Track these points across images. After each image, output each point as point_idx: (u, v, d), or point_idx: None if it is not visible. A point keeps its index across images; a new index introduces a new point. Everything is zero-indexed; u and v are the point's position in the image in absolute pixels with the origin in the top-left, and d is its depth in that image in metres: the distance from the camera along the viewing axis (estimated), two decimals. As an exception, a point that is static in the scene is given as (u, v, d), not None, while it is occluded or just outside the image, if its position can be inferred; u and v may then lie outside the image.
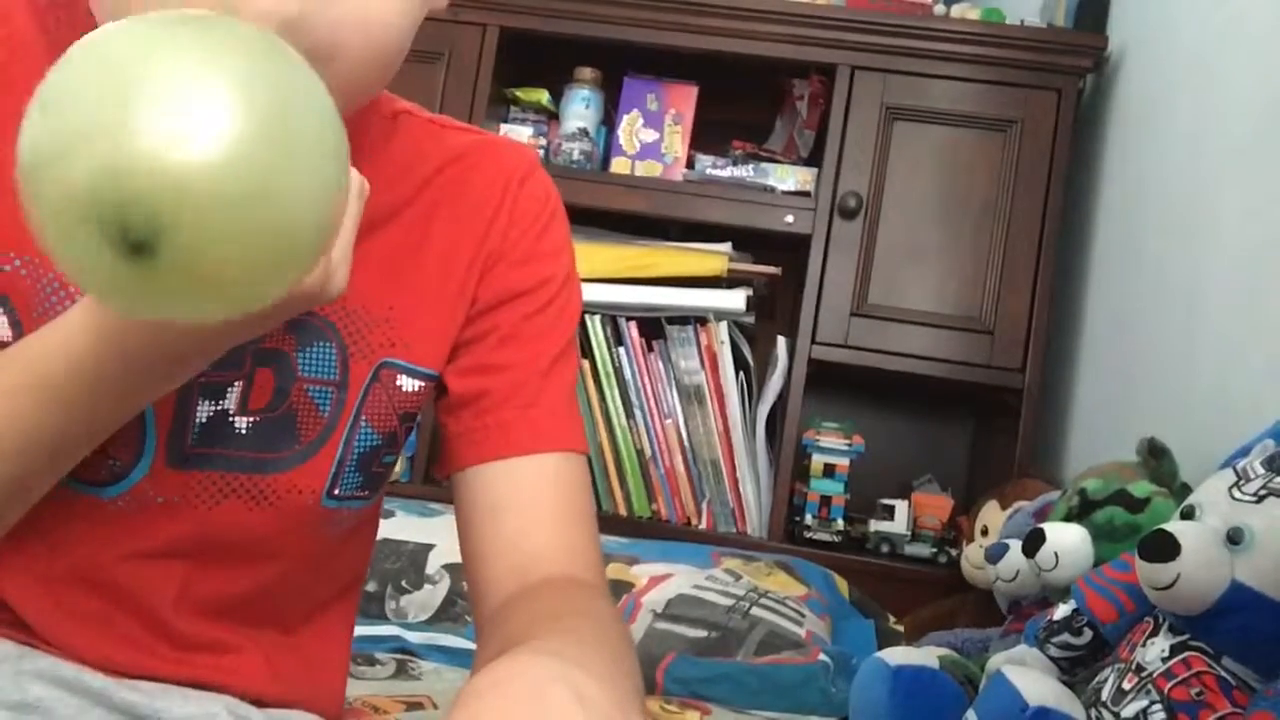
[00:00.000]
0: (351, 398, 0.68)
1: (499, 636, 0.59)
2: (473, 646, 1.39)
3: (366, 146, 0.69)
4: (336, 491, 0.69)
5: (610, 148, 2.09)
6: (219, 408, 0.65)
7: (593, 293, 1.94)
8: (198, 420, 0.65)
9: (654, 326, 1.97)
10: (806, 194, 1.98)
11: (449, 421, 0.72)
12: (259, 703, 0.70)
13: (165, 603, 0.67)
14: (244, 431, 0.66)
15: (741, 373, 1.96)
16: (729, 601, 1.52)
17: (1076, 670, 1.05)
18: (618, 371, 1.95)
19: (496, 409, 0.70)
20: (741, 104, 2.19)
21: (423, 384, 0.71)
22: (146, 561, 0.66)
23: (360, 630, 1.43)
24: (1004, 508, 1.65)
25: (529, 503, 0.69)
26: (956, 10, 2.01)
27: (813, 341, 1.93)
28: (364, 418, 0.69)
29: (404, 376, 0.70)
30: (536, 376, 0.72)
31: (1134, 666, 0.93)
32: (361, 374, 0.69)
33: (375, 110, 0.71)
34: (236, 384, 0.65)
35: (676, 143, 2.07)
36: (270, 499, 0.67)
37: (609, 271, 1.96)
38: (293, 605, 0.73)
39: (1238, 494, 0.90)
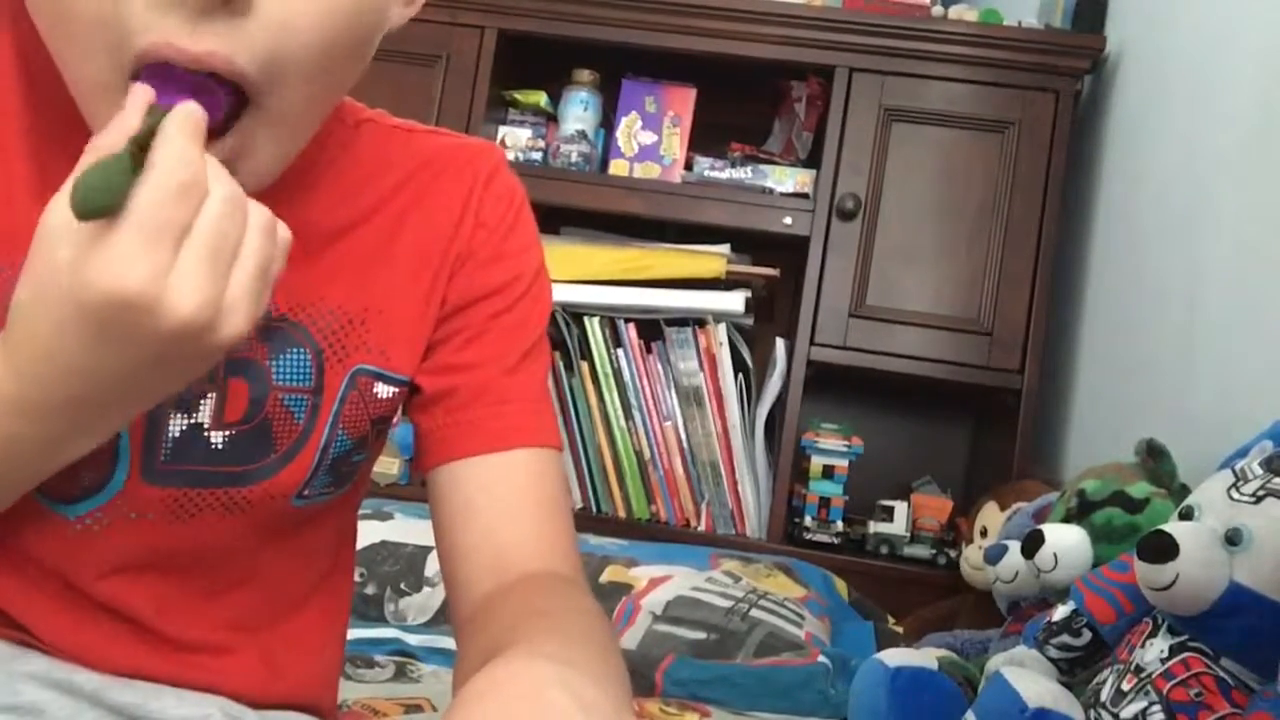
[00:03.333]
0: (327, 403, 0.68)
1: (483, 636, 0.59)
2: (472, 649, 1.40)
3: (329, 155, 0.69)
4: (306, 493, 0.69)
5: (609, 150, 2.09)
6: (192, 421, 0.65)
7: (591, 294, 1.94)
8: (170, 435, 0.64)
9: (653, 328, 1.97)
10: (805, 196, 1.98)
11: (421, 419, 0.72)
12: (254, 704, 0.70)
13: (147, 611, 0.67)
14: (219, 446, 0.65)
15: (740, 374, 1.96)
16: (728, 603, 1.52)
17: (1076, 671, 1.05)
18: (616, 373, 1.95)
19: (467, 406, 0.70)
20: (740, 106, 2.19)
21: (397, 390, 0.71)
22: (122, 574, 0.65)
23: (359, 633, 1.44)
24: (1003, 509, 1.65)
25: (502, 498, 0.69)
26: (954, 12, 2.01)
27: (811, 343, 1.93)
28: (341, 425, 0.69)
29: (380, 384, 0.70)
30: (506, 373, 0.72)
31: (1133, 667, 0.93)
32: (337, 379, 0.68)
33: (338, 120, 0.71)
34: (209, 396, 0.65)
35: (675, 145, 2.08)
36: (244, 507, 0.67)
37: (607, 273, 1.96)
38: (272, 597, 0.73)
39: (1236, 495, 0.90)
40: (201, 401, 0.65)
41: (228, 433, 0.66)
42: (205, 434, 0.65)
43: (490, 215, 0.73)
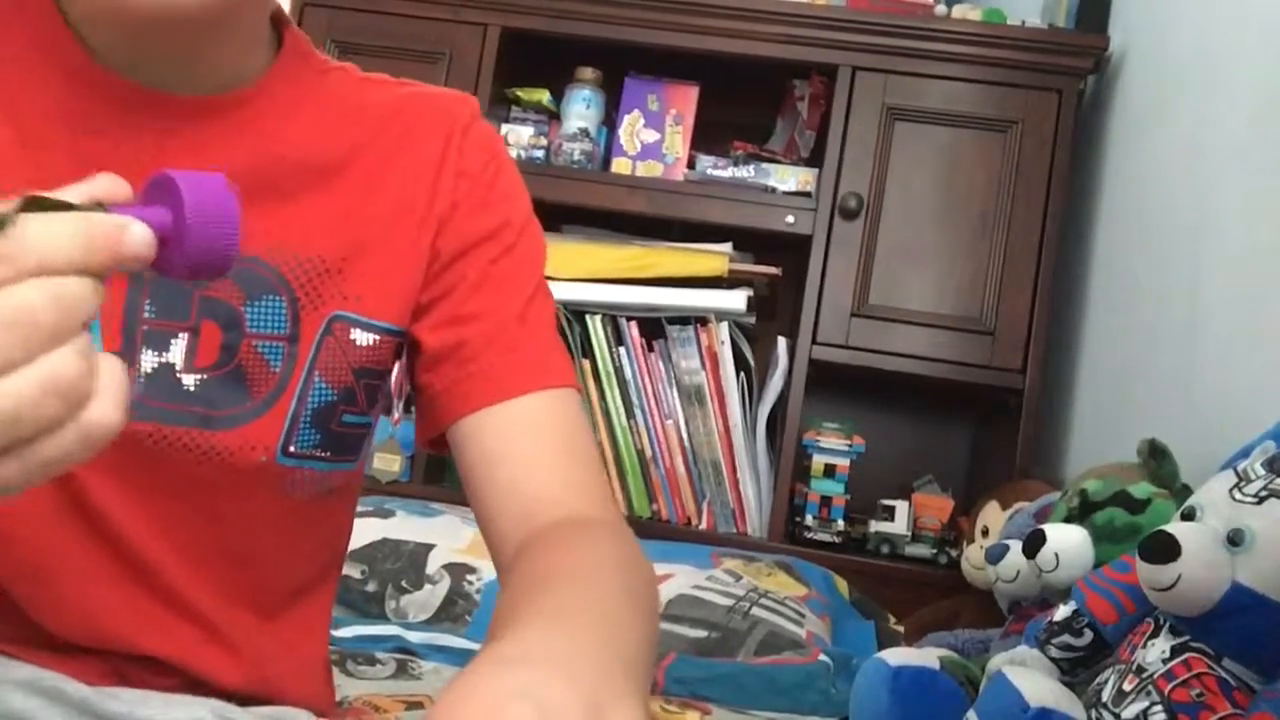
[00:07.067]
0: (304, 351, 0.68)
1: (500, 607, 0.56)
2: (474, 646, 1.40)
3: (297, 95, 0.69)
4: (292, 449, 0.69)
5: (611, 148, 2.09)
6: (164, 360, 0.65)
7: (593, 293, 1.94)
8: (142, 370, 0.64)
9: (655, 326, 1.97)
10: (807, 194, 1.98)
11: (432, 379, 0.71)
12: (244, 701, 0.70)
13: (141, 545, 0.66)
14: (191, 388, 0.65)
15: (742, 373, 1.96)
16: (729, 602, 1.52)
17: (1077, 671, 1.05)
18: (618, 371, 1.95)
19: (478, 357, 0.70)
20: (742, 104, 2.19)
21: (378, 338, 0.71)
22: (113, 501, 0.65)
23: (360, 630, 1.45)
24: (1004, 508, 1.65)
25: (523, 446, 0.68)
26: (957, 11, 2.01)
27: (813, 342, 1.93)
28: (317, 372, 0.69)
29: (358, 330, 0.70)
30: (513, 320, 0.71)
31: (1134, 667, 0.93)
32: (314, 326, 0.68)
33: (306, 65, 0.71)
34: (181, 335, 0.65)
35: (677, 143, 2.07)
36: (222, 455, 0.66)
37: (610, 271, 1.96)
38: (269, 583, 0.73)
39: (1238, 495, 0.90)
40: (173, 339, 0.65)
41: (200, 376, 0.65)
42: (177, 375, 0.65)
43: (472, 164, 0.73)
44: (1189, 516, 0.93)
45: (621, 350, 1.95)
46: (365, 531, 1.62)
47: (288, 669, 0.74)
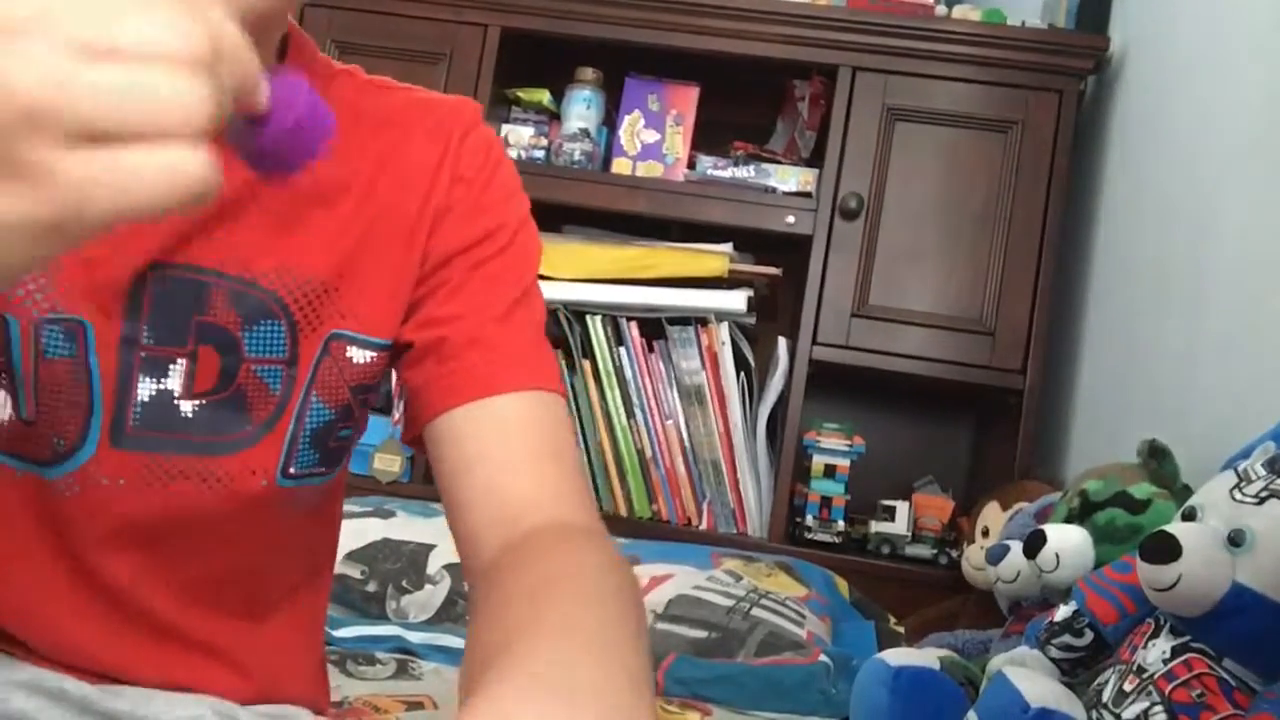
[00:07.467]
0: (302, 373, 0.67)
1: (485, 626, 0.55)
2: (473, 647, 1.40)
3: None
4: (292, 470, 0.68)
5: (611, 148, 2.09)
6: (162, 387, 0.64)
7: (593, 293, 1.94)
8: (139, 399, 0.64)
9: (655, 327, 1.97)
10: (808, 195, 1.98)
11: (412, 375, 0.70)
12: (243, 699, 0.70)
13: (134, 585, 0.66)
14: (190, 415, 0.65)
15: (742, 373, 1.96)
16: (729, 602, 1.52)
17: (1077, 671, 1.05)
18: (618, 371, 1.95)
19: (458, 355, 0.69)
20: (743, 105, 2.19)
21: (374, 355, 0.70)
22: (105, 541, 0.65)
23: (360, 630, 1.45)
24: (1005, 509, 1.65)
25: (502, 446, 0.67)
26: (958, 11, 2.01)
27: (813, 342, 1.93)
28: (315, 393, 0.68)
29: (354, 348, 0.69)
30: (496, 321, 0.70)
31: (1135, 668, 0.93)
32: (312, 348, 0.67)
33: (311, 72, 0.70)
34: (180, 361, 0.64)
35: (678, 143, 2.07)
36: (223, 480, 0.65)
37: (610, 272, 1.96)
38: (263, 590, 0.73)
39: (1239, 495, 0.90)
40: (171, 366, 0.64)
41: (199, 402, 0.65)
42: (175, 402, 0.64)
43: (467, 169, 0.72)
44: (1189, 517, 0.93)
45: (622, 350, 1.95)
46: (365, 531, 1.62)
47: (283, 667, 0.74)
